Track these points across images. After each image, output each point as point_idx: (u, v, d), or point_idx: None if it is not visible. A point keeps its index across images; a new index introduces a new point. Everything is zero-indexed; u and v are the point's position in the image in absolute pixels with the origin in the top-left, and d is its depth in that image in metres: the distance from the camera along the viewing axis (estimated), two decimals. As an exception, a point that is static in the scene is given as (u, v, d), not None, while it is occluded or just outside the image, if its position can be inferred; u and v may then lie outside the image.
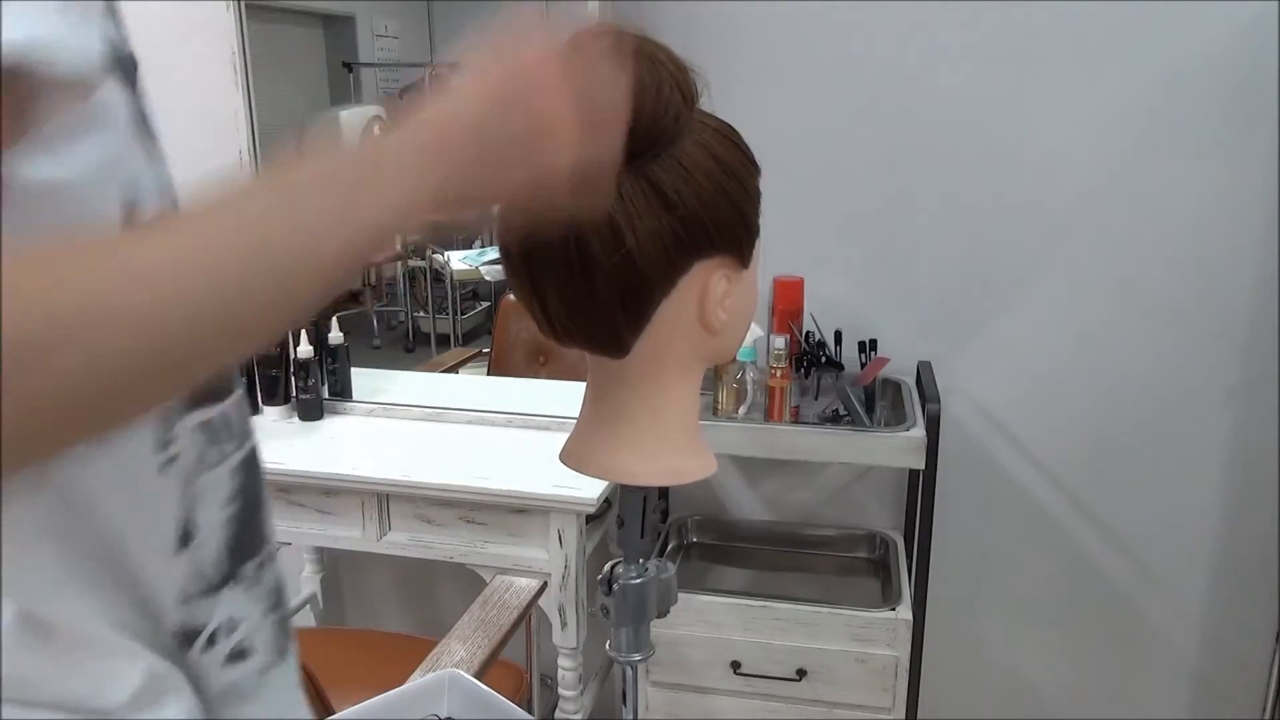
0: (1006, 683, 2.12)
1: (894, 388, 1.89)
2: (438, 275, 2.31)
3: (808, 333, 1.87)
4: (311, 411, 2.02)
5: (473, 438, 1.93)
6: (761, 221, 0.65)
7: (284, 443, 1.90)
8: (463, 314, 2.34)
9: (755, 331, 1.81)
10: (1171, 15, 1.73)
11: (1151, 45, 1.75)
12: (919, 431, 1.67)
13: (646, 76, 0.58)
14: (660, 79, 0.59)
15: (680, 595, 0.76)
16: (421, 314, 2.37)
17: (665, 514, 2.08)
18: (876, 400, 1.86)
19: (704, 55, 0.62)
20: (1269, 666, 1.87)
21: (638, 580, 0.72)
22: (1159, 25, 1.74)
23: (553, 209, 0.53)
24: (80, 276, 0.33)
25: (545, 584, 1.66)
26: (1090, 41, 1.77)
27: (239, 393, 0.55)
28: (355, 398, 2.08)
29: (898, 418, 1.78)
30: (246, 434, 0.57)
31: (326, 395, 2.06)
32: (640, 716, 0.77)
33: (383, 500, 1.76)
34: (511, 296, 2.26)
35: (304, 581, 2.26)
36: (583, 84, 0.51)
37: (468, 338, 2.34)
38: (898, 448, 1.68)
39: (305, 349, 1.97)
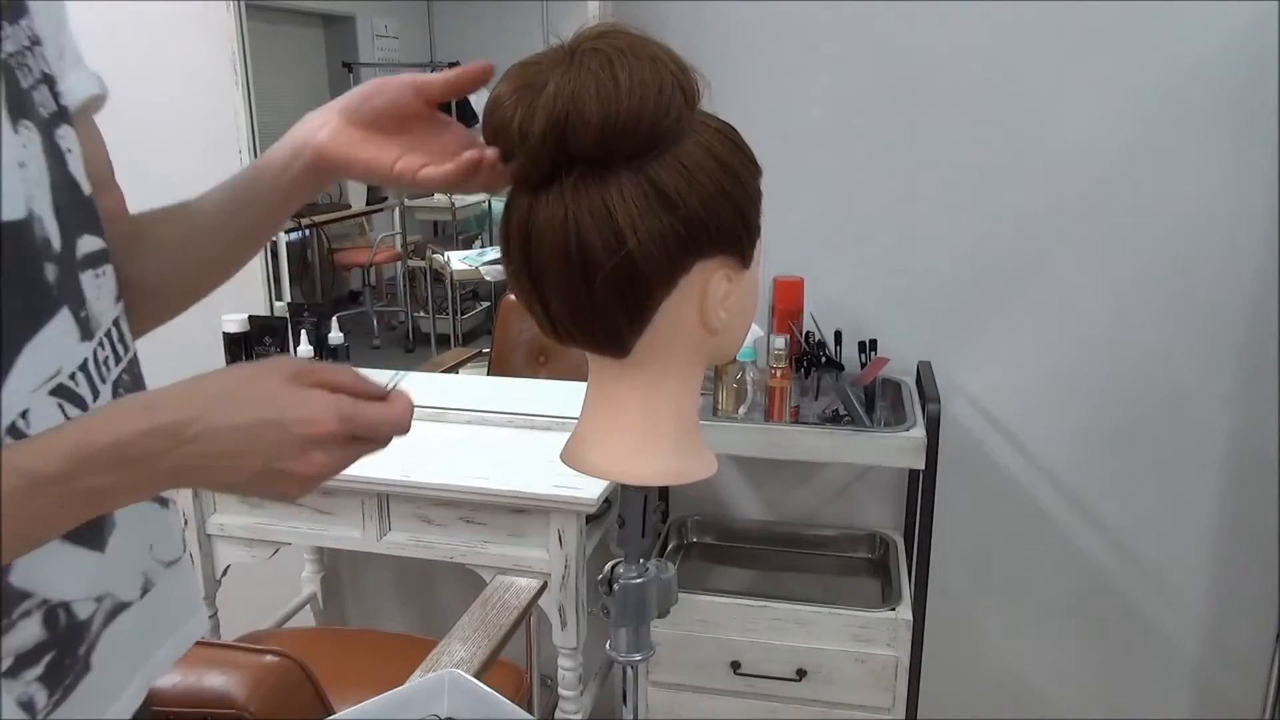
0: (1006, 683, 2.12)
1: (894, 388, 1.89)
2: (438, 275, 2.31)
3: (808, 333, 1.87)
4: (311, 411, 2.01)
5: (473, 438, 1.93)
6: (762, 222, 0.65)
7: (284, 443, 1.89)
8: (463, 314, 2.34)
9: (755, 331, 1.81)
10: (1171, 16, 1.73)
11: (1151, 46, 1.75)
12: (919, 431, 1.67)
13: (648, 77, 0.58)
14: (662, 79, 0.59)
15: (680, 595, 0.76)
16: (421, 314, 2.37)
17: (665, 514, 2.08)
18: (876, 400, 1.86)
19: (704, 55, 0.62)
20: (1269, 666, 1.87)
21: (638, 580, 0.72)
22: (1158, 26, 1.74)
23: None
24: None
25: (545, 584, 1.66)
26: (1090, 42, 1.77)
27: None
28: (355, 398, 2.07)
29: (898, 418, 1.78)
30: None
31: (326, 395, 2.05)
32: (640, 716, 0.77)
33: (383, 500, 1.76)
34: (512, 296, 2.26)
35: (304, 581, 2.26)
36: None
37: (468, 338, 2.34)
38: (898, 448, 1.68)
39: (305, 349, 1.97)
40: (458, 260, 2.28)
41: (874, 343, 1.88)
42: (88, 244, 0.65)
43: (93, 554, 0.64)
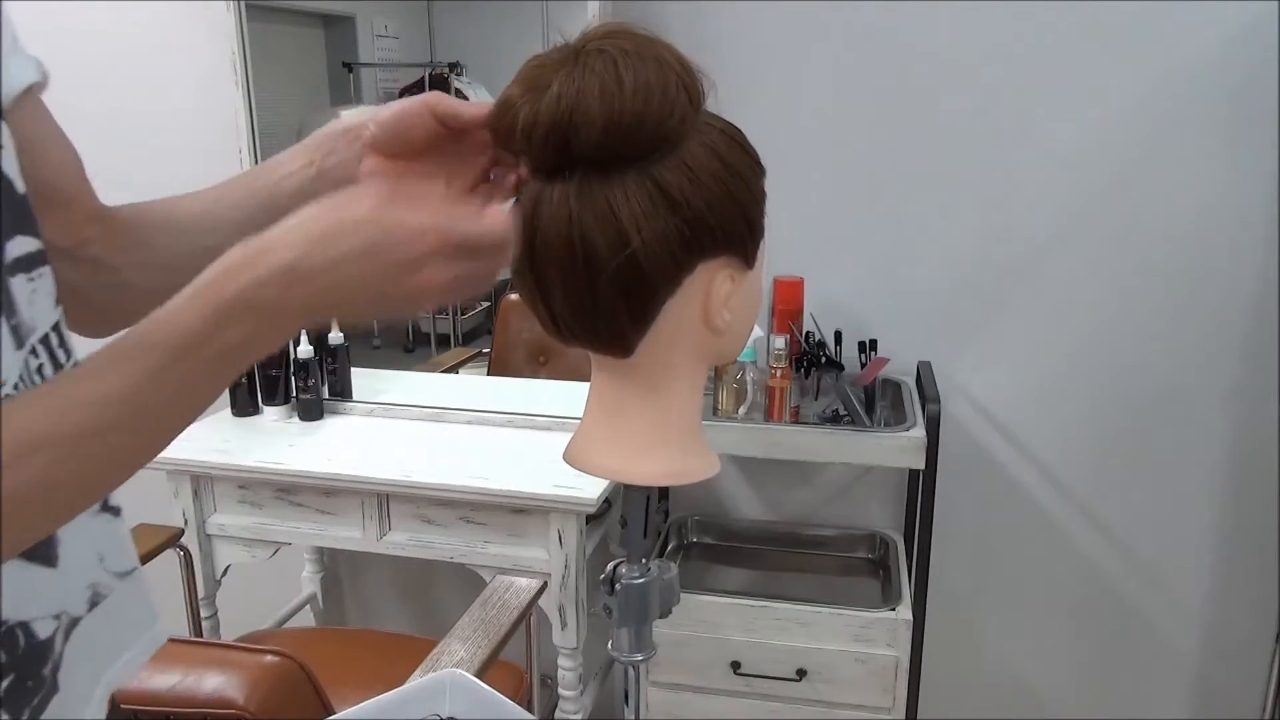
0: (1006, 683, 2.13)
1: (894, 388, 1.89)
2: (438, 275, 2.31)
3: (808, 333, 1.87)
4: (311, 412, 2.02)
5: (473, 438, 1.93)
6: (765, 222, 0.65)
7: (284, 443, 1.89)
8: (463, 314, 2.34)
9: (755, 331, 1.81)
10: (1172, 16, 1.73)
11: (1151, 47, 1.75)
12: (919, 431, 1.67)
13: (653, 78, 0.58)
14: (666, 81, 0.59)
15: (681, 595, 0.76)
16: (422, 314, 2.37)
17: (665, 514, 2.08)
18: (876, 400, 1.86)
19: (705, 54, 0.62)
20: (1269, 666, 1.87)
21: (641, 580, 0.72)
22: (1159, 27, 1.74)
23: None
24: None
25: (545, 584, 1.66)
26: (1090, 43, 1.77)
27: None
28: (355, 398, 2.07)
29: (898, 418, 1.79)
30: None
31: (326, 395, 2.05)
32: (641, 716, 0.77)
33: (383, 500, 1.76)
34: (513, 296, 2.26)
35: (304, 581, 2.26)
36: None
37: (468, 338, 2.34)
38: (898, 448, 1.68)
39: (305, 349, 1.97)
40: (458, 260, 2.27)
41: (874, 343, 1.88)
42: (20, 246, 0.61)
43: (46, 570, 0.61)
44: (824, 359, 1.84)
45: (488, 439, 1.92)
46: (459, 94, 2.22)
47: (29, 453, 0.47)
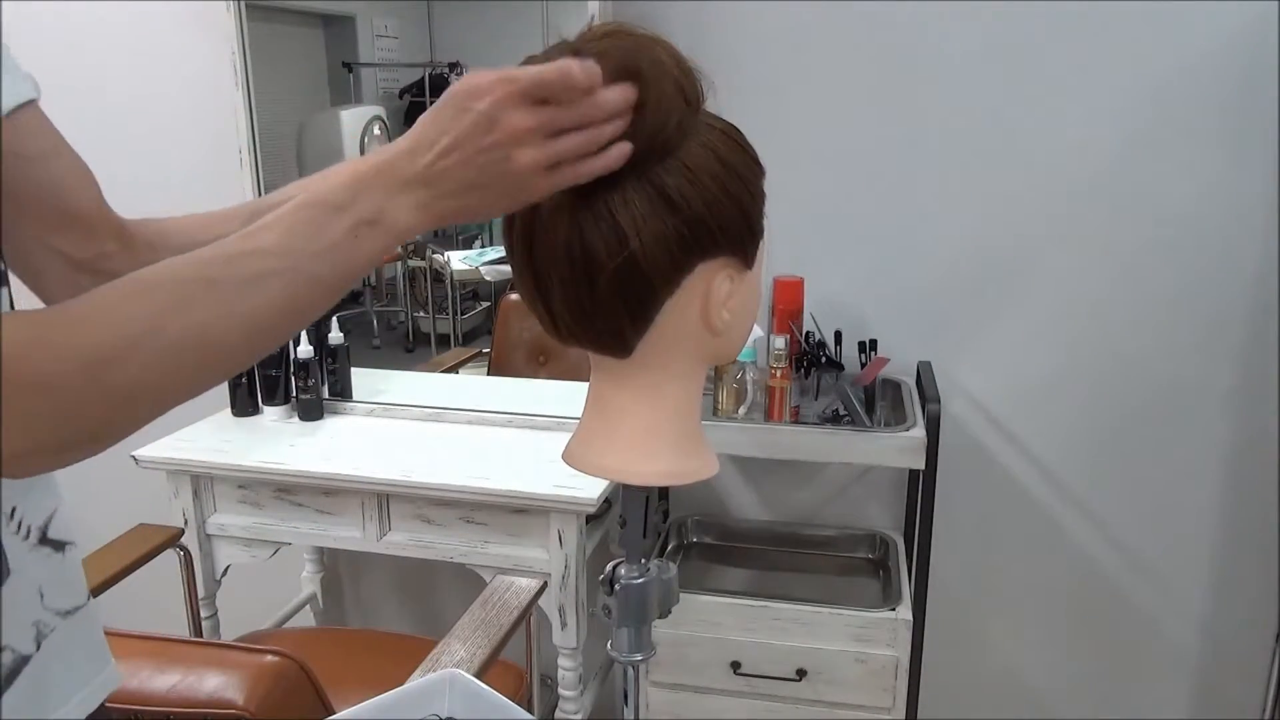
0: (1006, 683, 2.12)
1: (894, 388, 1.89)
2: (438, 275, 2.31)
3: (808, 333, 1.87)
4: (311, 411, 2.02)
5: (473, 438, 1.93)
6: (765, 222, 0.65)
7: (284, 443, 1.89)
8: (463, 314, 2.34)
9: (755, 331, 1.81)
10: (1171, 15, 1.73)
11: (1151, 45, 1.75)
12: (919, 431, 1.67)
13: (650, 77, 0.58)
14: (665, 81, 0.59)
15: (680, 595, 0.76)
16: (421, 314, 2.37)
17: (665, 514, 2.08)
18: (876, 400, 1.86)
19: (705, 55, 0.62)
20: (1269, 666, 1.88)
21: (640, 580, 0.72)
22: (1158, 25, 1.74)
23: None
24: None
25: (545, 584, 1.66)
26: (1089, 41, 1.77)
27: None
28: (355, 398, 2.07)
29: (898, 418, 1.78)
30: None
31: (326, 395, 2.05)
32: (640, 716, 0.77)
33: (383, 500, 1.76)
34: (513, 296, 2.26)
35: (304, 581, 2.26)
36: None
37: (468, 338, 2.34)
38: (898, 448, 1.68)
39: (305, 349, 1.97)
40: (458, 260, 2.27)
41: (874, 343, 1.88)
42: None
43: None
44: (824, 359, 1.84)
45: (488, 439, 1.92)
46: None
47: (194, 300, 0.52)
